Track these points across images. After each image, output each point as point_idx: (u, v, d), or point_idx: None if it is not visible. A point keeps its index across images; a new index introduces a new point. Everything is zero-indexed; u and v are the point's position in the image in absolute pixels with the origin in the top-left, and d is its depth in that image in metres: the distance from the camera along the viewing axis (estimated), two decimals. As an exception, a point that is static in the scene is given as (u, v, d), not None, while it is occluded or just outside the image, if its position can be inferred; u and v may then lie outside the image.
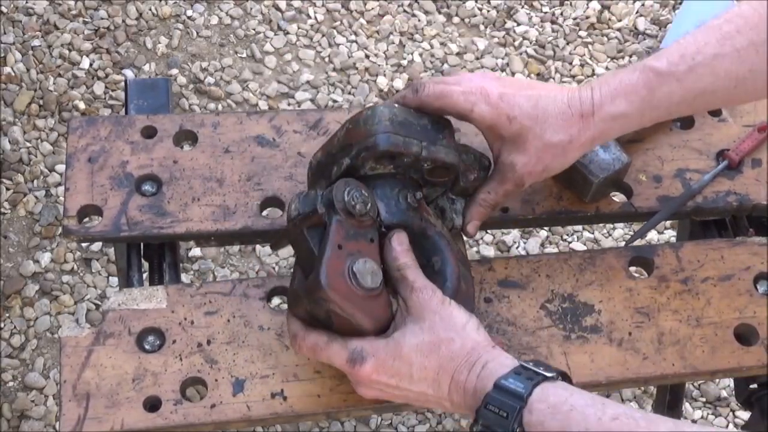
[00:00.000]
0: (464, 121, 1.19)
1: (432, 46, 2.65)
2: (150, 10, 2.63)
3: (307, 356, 1.14)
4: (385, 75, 2.57)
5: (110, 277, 2.21)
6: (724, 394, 2.19)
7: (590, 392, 0.99)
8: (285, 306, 1.24)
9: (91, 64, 2.52)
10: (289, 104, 2.51)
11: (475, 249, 2.30)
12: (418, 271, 1.11)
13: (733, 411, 2.17)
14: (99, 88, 2.48)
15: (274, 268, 2.26)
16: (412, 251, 1.12)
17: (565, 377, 1.03)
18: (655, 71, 1.14)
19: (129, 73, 2.51)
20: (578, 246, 2.32)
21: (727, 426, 2.17)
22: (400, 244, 1.12)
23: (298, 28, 2.65)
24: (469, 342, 1.06)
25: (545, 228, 2.34)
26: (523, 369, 1.01)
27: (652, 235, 2.32)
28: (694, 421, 2.17)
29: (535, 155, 1.16)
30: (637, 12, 2.76)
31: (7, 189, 2.30)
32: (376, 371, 1.07)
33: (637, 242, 1.40)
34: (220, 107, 2.48)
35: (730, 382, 2.12)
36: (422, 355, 1.06)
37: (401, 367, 1.06)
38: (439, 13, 2.73)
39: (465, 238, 1.24)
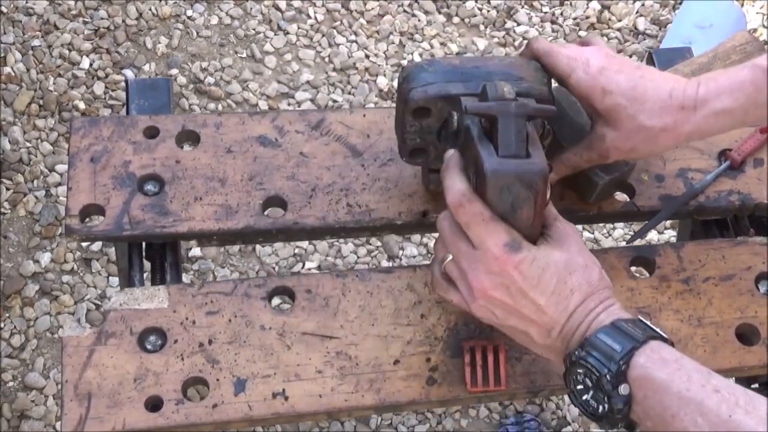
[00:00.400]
0: (562, 85, 1.22)
1: (432, 46, 2.66)
2: (150, 10, 2.63)
3: (458, 219, 1.08)
4: (385, 75, 2.58)
5: (110, 277, 2.21)
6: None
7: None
8: (285, 306, 1.24)
9: (91, 64, 2.52)
10: (289, 104, 2.51)
11: (475, 249, 2.30)
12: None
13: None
14: (99, 88, 2.48)
15: (274, 268, 2.26)
16: None
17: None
18: (763, 69, 1.13)
19: (129, 73, 2.51)
20: (578, 246, 2.32)
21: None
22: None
23: (298, 28, 2.65)
24: (605, 281, 1.08)
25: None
26: (642, 323, 1.02)
27: (653, 235, 2.33)
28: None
29: (626, 134, 1.18)
30: (637, 12, 2.77)
31: (7, 189, 2.30)
32: (521, 267, 1.05)
33: (638, 242, 1.40)
34: (220, 107, 2.49)
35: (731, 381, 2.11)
36: (567, 270, 1.06)
37: (545, 274, 1.05)
38: (439, 13, 2.73)
39: None
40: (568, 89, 1.21)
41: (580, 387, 1.01)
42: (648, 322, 1.03)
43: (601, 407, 0.99)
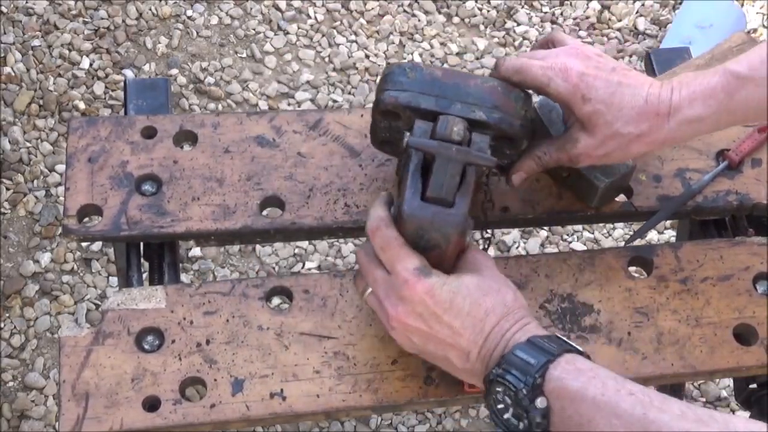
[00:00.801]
0: (542, 94, 1.21)
1: (432, 46, 2.66)
2: (150, 10, 2.63)
3: (373, 242, 1.11)
4: (385, 75, 2.57)
5: (110, 277, 2.21)
6: (724, 394, 2.19)
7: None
8: (284, 306, 1.24)
9: (91, 64, 2.52)
10: (289, 104, 2.51)
11: (475, 249, 2.30)
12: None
13: (733, 411, 2.17)
14: (99, 88, 2.48)
15: (273, 268, 2.26)
16: None
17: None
18: (735, 75, 1.14)
19: (129, 73, 2.51)
20: (578, 246, 2.32)
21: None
22: None
23: (298, 28, 2.65)
24: (520, 301, 1.09)
25: (545, 228, 2.34)
26: (557, 338, 1.04)
27: (652, 235, 2.32)
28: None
29: (601, 140, 1.18)
30: (637, 12, 2.76)
31: (7, 189, 2.30)
32: (433, 291, 1.06)
33: (637, 242, 1.40)
34: (220, 107, 2.49)
35: (729, 381, 2.12)
36: (480, 293, 1.07)
37: (456, 297, 1.06)
38: (439, 13, 2.73)
39: None
40: (549, 97, 1.20)
41: (500, 406, 1.01)
42: (564, 338, 1.05)
43: (521, 423, 0.99)
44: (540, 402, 0.98)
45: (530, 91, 1.22)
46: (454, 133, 1.10)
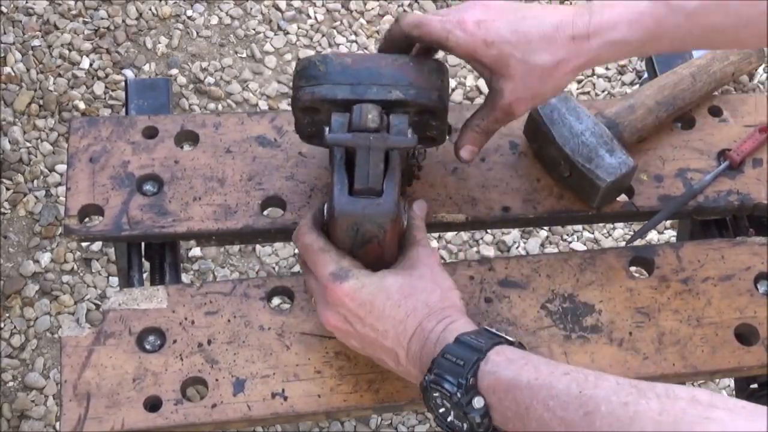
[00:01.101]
0: (445, 51, 1.18)
1: (432, 46, 2.65)
2: (150, 10, 2.63)
3: (296, 251, 1.14)
4: (385, 75, 2.57)
5: (110, 277, 2.21)
6: (724, 394, 2.19)
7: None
8: (285, 306, 1.24)
9: (91, 64, 2.52)
10: (288, 104, 2.51)
11: (475, 249, 2.30)
12: (426, 235, 1.16)
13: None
14: (99, 88, 2.48)
15: (274, 268, 2.26)
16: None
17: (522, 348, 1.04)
18: (665, 2, 1.11)
19: (129, 73, 2.51)
20: (578, 246, 2.32)
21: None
22: (420, 210, 1.19)
23: (298, 28, 2.65)
24: (449, 301, 1.08)
25: (545, 228, 2.34)
26: (486, 331, 1.03)
27: (653, 235, 2.32)
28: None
29: (521, 80, 1.13)
30: (637, 12, 2.76)
31: (7, 189, 2.30)
32: (352, 294, 1.07)
33: (638, 242, 1.40)
34: (220, 107, 2.49)
35: (730, 381, 2.12)
36: (401, 295, 1.07)
37: (376, 299, 1.06)
38: (439, 13, 2.73)
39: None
40: (451, 53, 1.17)
41: (442, 410, 1.00)
42: (493, 330, 1.03)
43: (465, 424, 0.98)
44: (477, 402, 0.97)
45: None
46: (369, 120, 1.09)
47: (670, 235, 2.32)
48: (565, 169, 1.31)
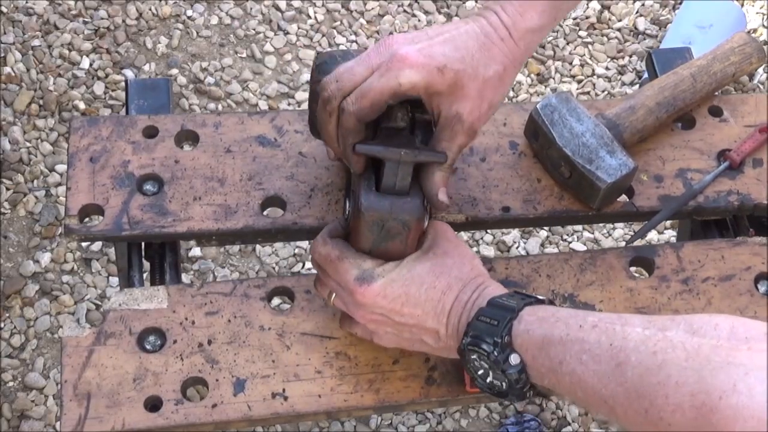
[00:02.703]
0: (402, 96, 1.09)
1: (432, 46, 2.65)
2: (150, 10, 2.63)
3: (315, 267, 1.14)
4: (385, 75, 2.57)
5: (110, 277, 2.21)
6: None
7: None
8: (285, 306, 1.24)
9: (91, 64, 2.52)
10: (289, 104, 2.51)
11: (475, 249, 2.30)
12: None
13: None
14: (99, 88, 2.48)
15: (274, 269, 2.26)
16: None
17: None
18: None
19: (129, 73, 2.51)
20: (578, 246, 2.32)
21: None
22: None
23: (298, 28, 2.65)
24: (477, 269, 1.11)
25: (545, 228, 2.34)
26: (517, 293, 1.06)
27: (653, 235, 2.32)
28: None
29: (477, 97, 1.10)
30: (637, 12, 2.77)
31: (7, 189, 2.30)
32: (383, 293, 1.08)
33: (638, 242, 1.40)
34: (220, 107, 2.49)
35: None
36: (434, 275, 1.09)
37: (410, 289, 1.08)
38: (439, 13, 2.73)
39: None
40: (407, 95, 1.09)
41: (480, 372, 1.04)
42: (524, 291, 1.07)
43: (503, 383, 1.02)
44: (513, 359, 1.00)
45: None
46: (398, 119, 1.11)
47: (670, 235, 2.32)
48: (565, 170, 1.31)
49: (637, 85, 2.57)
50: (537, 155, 1.36)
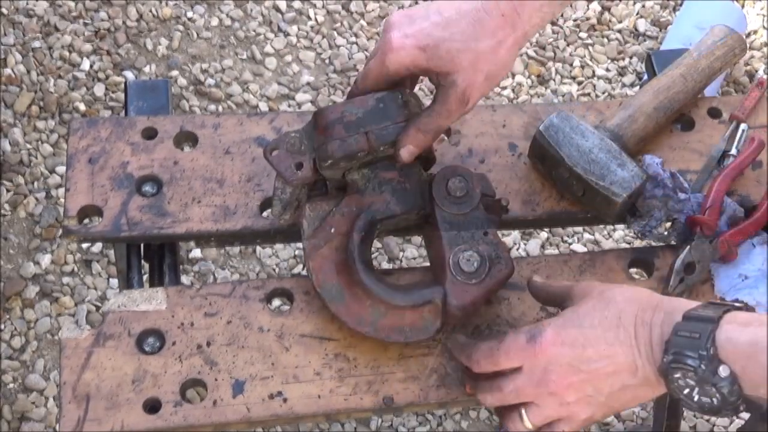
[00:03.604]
0: (402, 77, 1.19)
1: (432, 48, 2.65)
2: (150, 11, 2.63)
3: (485, 369, 1.11)
4: (385, 76, 2.57)
5: (111, 279, 2.21)
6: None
7: None
8: (285, 308, 1.24)
9: (91, 66, 2.52)
10: (289, 106, 2.51)
11: (475, 250, 2.30)
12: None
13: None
14: (99, 89, 2.48)
15: (274, 270, 2.26)
16: None
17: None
18: None
19: (129, 75, 2.51)
20: (578, 247, 2.32)
21: (729, 425, 2.17)
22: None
23: (299, 29, 2.65)
24: (644, 291, 1.07)
25: (545, 229, 2.34)
26: (711, 304, 1.01)
27: (653, 237, 2.32)
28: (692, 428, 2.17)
29: (471, 67, 1.14)
30: (637, 13, 2.76)
31: (8, 191, 2.30)
32: (557, 338, 1.05)
33: (637, 243, 1.39)
34: (220, 109, 2.48)
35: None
36: (599, 311, 1.05)
37: (582, 327, 1.04)
38: (440, 14, 2.73)
39: None
40: (397, 75, 1.18)
41: (686, 391, 0.99)
42: (717, 301, 1.03)
43: (714, 399, 0.97)
44: (722, 371, 0.96)
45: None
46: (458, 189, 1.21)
47: (671, 236, 2.31)
48: (578, 189, 1.30)
49: (638, 87, 2.57)
50: (546, 176, 1.35)
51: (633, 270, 1.30)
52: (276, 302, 1.26)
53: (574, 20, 2.74)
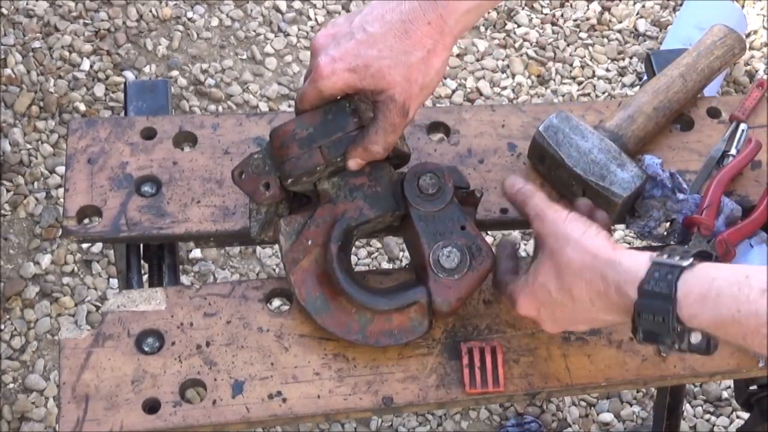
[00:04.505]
0: (330, 100, 1.17)
1: (432, 48, 2.65)
2: (150, 11, 2.63)
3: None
4: (385, 76, 2.57)
5: (110, 279, 2.21)
6: (725, 395, 2.19)
7: (731, 266, 1.00)
8: (285, 308, 1.24)
9: (91, 66, 2.52)
10: (289, 106, 2.51)
11: (475, 250, 2.30)
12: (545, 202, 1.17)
13: (734, 410, 2.17)
14: (99, 89, 2.48)
15: (274, 270, 2.26)
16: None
17: (703, 256, 1.06)
18: None
19: (129, 75, 2.51)
20: (579, 247, 2.32)
21: (729, 425, 2.17)
22: (511, 186, 1.20)
23: (299, 29, 2.65)
24: (589, 254, 1.08)
25: (546, 229, 2.34)
26: (659, 266, 1.02)
27: (653, 237, 2.32)
28: (693, 428, 2.17)
29: (404, 81, 1.13)
30: (637, 13, 2.77)
31: (8, 191, 2.30)
32: (530, 305, 1.12)
33: (637, 244, 1.39)
34: (220, 109, 2.49)
35: (731, 382, 2.12)
36: (556, 279, 1.09)
37: (548, 281, 1.10)
38: (440, 14, 2.73)
39: None
40: (335, 96, 1.16)
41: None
42: (662, 257, 1.03)
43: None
44: (694, 337, 0.99)
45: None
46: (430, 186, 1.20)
47: (671, 236, 2.32)
48: (578, 190, 1.30)
49: (638, 87, 2.57)
50: (545, 177, 1.35)
51: (632, 270, 1.30)
52: (276, 302, 1.26)
53: (574, 20, 2.74)
